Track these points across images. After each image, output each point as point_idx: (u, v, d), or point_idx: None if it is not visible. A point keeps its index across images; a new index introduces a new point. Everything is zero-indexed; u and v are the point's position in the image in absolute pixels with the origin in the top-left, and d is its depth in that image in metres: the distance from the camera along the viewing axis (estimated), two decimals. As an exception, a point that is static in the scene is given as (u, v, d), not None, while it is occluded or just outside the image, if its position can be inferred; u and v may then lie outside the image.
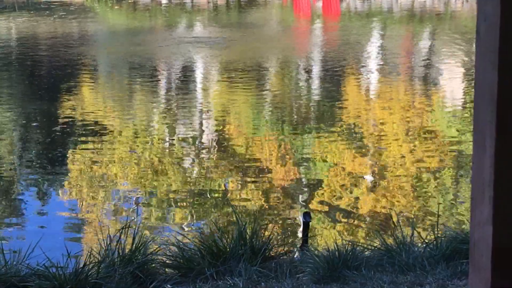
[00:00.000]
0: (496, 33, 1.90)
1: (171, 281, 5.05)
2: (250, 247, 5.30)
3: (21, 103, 14.98)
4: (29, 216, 8.81)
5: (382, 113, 13.38)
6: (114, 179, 10.04)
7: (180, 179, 9.95)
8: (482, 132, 1.90)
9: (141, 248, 5.22)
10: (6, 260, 5.17)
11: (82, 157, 10.93)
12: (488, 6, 1.95)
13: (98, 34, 25.56)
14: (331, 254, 5.10)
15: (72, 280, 4.84)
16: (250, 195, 9.23)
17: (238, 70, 17.51)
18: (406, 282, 4.82)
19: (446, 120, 12.93)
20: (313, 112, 13.91)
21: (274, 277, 4.98)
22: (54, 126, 12.77)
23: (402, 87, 15.78)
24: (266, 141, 11.67)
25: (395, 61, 19.12)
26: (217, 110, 13.94)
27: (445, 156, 10.75)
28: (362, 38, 23.07)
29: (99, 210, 8.97)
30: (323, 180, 9.82)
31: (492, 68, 1.89)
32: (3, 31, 25.65)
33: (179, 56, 19.67)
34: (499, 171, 1.84)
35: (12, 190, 9.79)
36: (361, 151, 11.05)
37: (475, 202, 1.92)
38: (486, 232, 1.86)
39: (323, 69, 17.96)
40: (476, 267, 1.92)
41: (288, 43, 22.55)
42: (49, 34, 24.26)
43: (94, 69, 18.70)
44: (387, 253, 5.26)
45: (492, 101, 1.87)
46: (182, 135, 12.14)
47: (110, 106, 14.45)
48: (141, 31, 24.91)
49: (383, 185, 9.55)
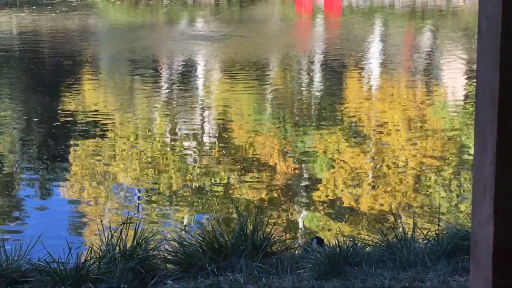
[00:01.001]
0: (497, 31, 1.89)
1: (172, 276, 5.05)
2: (251, 242, 5.30)
3: (21, 98, 14.98)
4: (30, 211, 8.81)
5: (384, 109, 13.38)
6: (115, 174, 10.05)
7: (180, 174, 9.95)
8: (483, 131, 1.90)
9: (142, 244, 5.22)
10: (7, 255, 5.18)
11: (85, 152, 10.93)
12: (489, 4, 1.94)
13: (100, 29, 25.56)
14: (332, 250, 5.11)
15: (73, 275, 4.85)
16: (251, 190, 9.24)
17: (240, 65, 17.50)
18: (407, 278, 4.82)
19: (449, 116, 12.92)
20: (314, 108, 13.90)
21: (275, 273, 4.98)
22: (55, 121, 12.77)
23: (403, 83, 15.76)
24: (268, 136, 11.67)
25: (396, 57, 19.11)
26: (221, 105, 13.93)
27: (447, 151, 10.75)
28: (364, 34, 23.04)
29: (100, 205, 8.97)
30: (324, 175, 9.81)
31: (493, 67, 1.89)
32: (5, 27, 25.63)
33: (181, 52, 19.66)
34: (500, 171, 1.84)
35: (13, 184, 9.79)
36: (363, 146, 11.05)
37: (476, 202, 1.92)
38: (487, 232, 1.86)
39: (325, 65, 17.95)
40: (477, 267, 1.92)
41: (290, 39, 22.53)
42: (51, 30, 24.25)
43: (95, 65, 18.69)
44: (388, 249, 5.27)
45: (493, 100, 1.86)
46: (185, 130, 12.14)
47: (112, 101, 14.44)
48: (143, 27, 24.90)
49: (385, 181, 9.55)
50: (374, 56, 19.33)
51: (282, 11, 31.22)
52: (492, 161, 1.84)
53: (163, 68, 17.91)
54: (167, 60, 18.96)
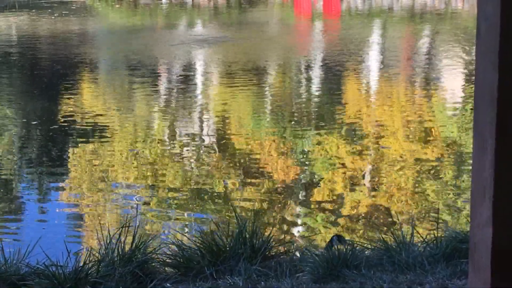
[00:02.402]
0: (496, 33, 1.89)
1: (171, 280, 5.05)
2: (250, 246, 5.29)
3: (20, 100, 14.98)
4: (29, 214, 8.80)
5: (382, 112, 13.38)
6: (114, 177, 10.04)
7: (179, 178, 9.95)
8: (482, 133, 1.89)
9: (141, 247, 5.22)
10: (5, 258, 5.17)
11: (84, 154, 10.92)
12: (488, 6, 1.94)
13: (99, 32, 25.56)
14: (330, 253, 5.10)
15: (71, 279, 4.84)
16: (249, 193, 9.23)
17: (239, 68, 17.50)
18: (406, 281, 4.81)
19: (447, 119, 12.92)
20: (314, 110, 13.90)
21: (274, 276, 4.97)
22: (54, 124, 12.77)
23: (402, 86, 15.77)
24: (267, 138, 11.66)
25: (395, 60, 19.11)
26: (220, 108, 13.93)
27: (446, 154, 10.74)
28: (363, 37, 23.05)
29: (99, 209, 8.96)
30: (323, 178, 9.81)
31: (493, 68, 1.88)
32: (4, 30, 25.64)
33: (179, 55, 19.66)
34: (499, 172, 1.83)
35: (12, 186, 9.78)
36: (362, 149, 11.04)
37: (475, 204, 1.92)
38: (486, 234, 1.85)
39: (324, 67, 17.95)
40: (476, 269, 1.92)
41: (289, 42, 22.54)
42: (50, 32, 24.25)
43: (94, 67, 18.69)
44: (387, 252, 5.26)
45: (492, 101, 1.86)
46: (184, 133, 12.14)
47: (112, 104, 14.44)
48: (142, 30, 24.91)
49: (383, 184, 9.54)
50: (373, 59, 19.33)
51: (281, 14, 31.25)
52: (491, 163, 1.84)
53: (161, 72, 17.91)
54: (165, 63, 18.95)
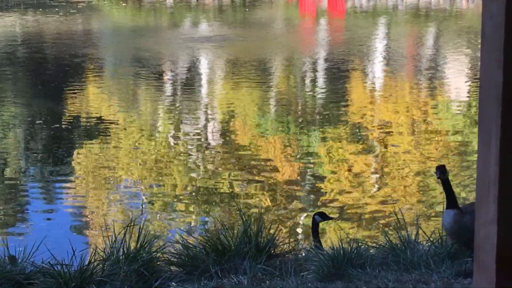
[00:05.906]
0: (501, 31, 1.89)
1: (176, 278, 5.04)
2: (255, 245, 5.29)
3: (25, 100, 15.00)
4: (35, 213, 8.81)
5: (388, 111, 13.37)
6: (119, 176, 10.05)
7: (185, 177, 9.95)
8: (487, 131, 1.89)
9: (146, 246, 5.21)
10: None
11: (89, 154, 10.93)
12: (493, 5, 1.94)
13: (104, 31, 25.60)
14: (335, 252, 5.09)
15: (77, 277, 4.84)
16: (255, 192, 9.23)
17: (245, 67, 17.50)
18: (411, 280, 4.81)
19: (454, 118, 12.91)
20: (320, 110, 13.89)
21: (279, 275, 4.97)
22: (59, 123, 12.79)
23: (408, 85, 15.75)
24: (272, 137, 11.66)
25: (400, 59, 19.09)
26: (226, 107, 13.93)
27: (451, 153, 10.73)
28: (367, 36, 23.03)
29: (104, 208, 8.98)
30: (328, 178, 9.80)
31: (498, 67, 1.89)
32: (11, 29, 25.67)
33: (185, 54, 19.67)
34: (504, 170, 1.83)
35: (18, 186, 9.80)
36: (368, 149, 11.03)
37: (480, 202, 1.91)
38: (491, 232, 1.85)
39: (329, 67, 17.94)
40: (481, 267, 1.92)
41: (293, 41, 22.53)
42: (56, 32, 24.28)
43: (98, 66, 18.71)
44: (392, 251, 5.25)
45: (498, 99, 1.86)
46: (188, 132, 12.14)
47: (117, 103, 14.46)
48: (147, 29, 24.92)
49: (389, 183, 9.54)
50: (378, 58, 19.32)
51: (285, 13, 31.23)
52: (496, 161, 1.84)
53: (166, 71, 17.91)
54: (170, 62, 18.95)
